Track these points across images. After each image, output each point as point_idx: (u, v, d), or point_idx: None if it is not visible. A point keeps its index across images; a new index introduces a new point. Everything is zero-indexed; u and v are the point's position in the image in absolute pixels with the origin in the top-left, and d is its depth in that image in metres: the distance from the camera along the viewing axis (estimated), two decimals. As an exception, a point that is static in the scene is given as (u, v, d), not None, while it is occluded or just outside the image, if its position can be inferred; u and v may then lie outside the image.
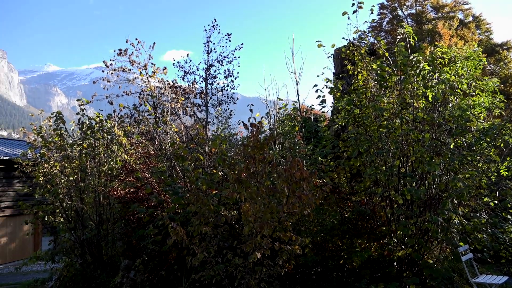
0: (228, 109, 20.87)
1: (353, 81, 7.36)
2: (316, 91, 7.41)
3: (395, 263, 6.33)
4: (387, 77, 6.75)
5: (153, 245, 6.22)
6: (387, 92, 6.99)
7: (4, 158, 16.87)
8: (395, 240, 6.36)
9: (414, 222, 6.07)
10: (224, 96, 21.38)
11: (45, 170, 8.60)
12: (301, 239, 4.68)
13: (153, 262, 6.23)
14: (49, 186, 8.47)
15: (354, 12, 7.11)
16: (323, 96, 7.53)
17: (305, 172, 4.30)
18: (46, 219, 8.66)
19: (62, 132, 8.86)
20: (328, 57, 7.66)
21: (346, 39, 7.41)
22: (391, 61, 7.17)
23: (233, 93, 21.77)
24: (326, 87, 7.47)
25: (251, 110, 5.93)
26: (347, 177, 7.10)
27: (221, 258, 4.90)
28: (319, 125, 8.89)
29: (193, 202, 4.90)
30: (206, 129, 14.79)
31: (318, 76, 7.44)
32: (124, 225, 7.68)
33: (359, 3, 7.10)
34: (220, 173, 6.33)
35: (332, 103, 7.92)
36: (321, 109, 7.69)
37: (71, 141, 9.21)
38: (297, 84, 8.05)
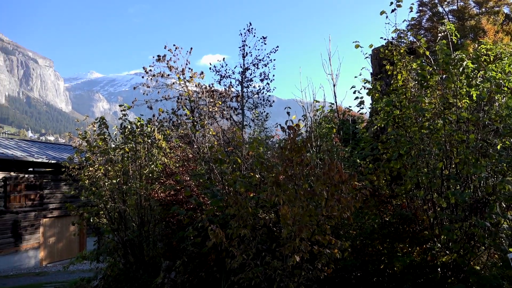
0: (264, 111, 20.97)
1: (392, 82, 7.20)
2: (354, 92, 7.29)
3: (439, 269, 6.11)
4: (428, 77, 6.54)
5: (193, 246, 6.34)
6: (428, 92, 6.78)
7: (52, 162, 17.77)
8: (439, 245, 6.14)
9: (459, 227, 5.84)
10: (260, 99, 21.53)
11: (90, 173, 8.99)
12: (341, 242, 4.63)
13: (193, 263, 6.34)
14: (94, 188, 8.84)
15: (392, 11, 6.95)
16: (361, 98, 7.40)
17: (344, 175, 4.25)
18: (91, 220, 9.04)
19: (105, 136, 9.23)
20: (366, 57, 7.53)
21: (385, 39, 7.25)
22: (432, 60, 6.95)
23: (269, 95, 21.86)
24: (364, 88, 7.34)
25: (288, 113, 5.93)
26: (387, 179, 6.93)
27: (260, 260, 4.92)
28: (357, 127, 8.75)
29: (232, 205, 4.96)
30: (243, 132, 14.92)
31: (355, 77, 7.33)
32: (164, 226, 7.88)
33: (398, 1, 6.93)
34: (257, 176, 6.37)
35: (370, 104, 7.77)
36: (359, 110, 7.57)
37: (114, 145, 9.58)
38: (334, 85, 7.98)
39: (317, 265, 4.78)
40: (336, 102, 8.18)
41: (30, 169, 17.59)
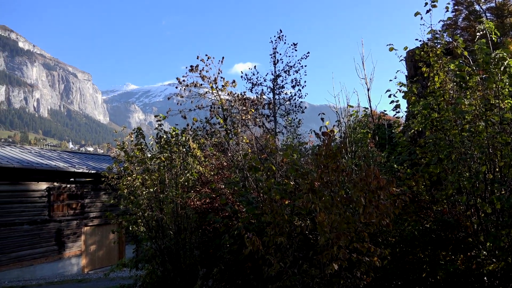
0: (296, 118, 20.90)
1: (429, 84, 6.99)
2: (389, 96, 7.14)
3: (485, 278, 5.83)
4: (468, 77, 6.32)
5: (229, 254, 6.36)
6: (468, 93, 6.53)
7: (92, 172, 18.42)
8: (485, 252, 5.87)
9: (506, 233, 5.56)
10: (292, 106, 21.48)
11: (128, 182, 9.23)
12: (380, 250, 4.51)
13: (230, 271, 6.36)
14: (132, 197, 9.06)
15: (427, 11, 6.78)
16: (397, 101, 7.24)
17: (382, 181, 4.15)
18: (130, 229, 9.27)
19: (142, 146, 9.47)
20: (401, 60, 7.36)
21: (420, 40, 7.08)
22: (470, 60, 6.71)
23: (301, 102, 21.77)
24: (400, 92, 7.18)
25: (322, 119, 5.88)
26: (427, 185, 6.72)
27: (297, 268, 4.87)
28: (393, 131, 8.55)
29: (268, 212, 4.95)
30: (276, 139, 14.90)
31: (390, 80, 7.18)
32: (201, 234, 7.96)
33: (433, 1, 6.76)
34: (292, 183, 6.33)
35: (406, 107, 7.58)
36: (395, 114, 7.40)
37: (150, 155, 9.80)
38: (368, 90, 7.84)
39: (356, 274, 4.68)
40: (370, 107, 8.04)
41: (71, 179, 18.29)
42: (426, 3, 6.76)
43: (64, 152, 23.13)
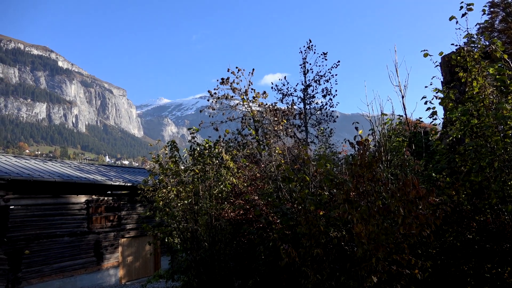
0: (328, 127, 20.67)
1: (466, 89, 6.77)
2: (425, 103, 6.95)
3: (535, 292, 5.50)
4: (508, 81, 6.07)
5: (264, 266, 6.33)
6: (510, 98, 6.27)
7: (128, 184, 18.88)
8: (534, 265, 5.55)
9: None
10: (323, 115, 21.29)
11: (163, 194, 9.40)
12: (421, 262, 4.35)
13: (265, 283, 6.32)
14: (167, 209, 9.20)
15: (463, 15, 6.60)
16: (433, 108, 7.03)
17: (422, 190, 4.02)
18: (166, 240, 9.39)
19: (176, 159, 9.63)
20: (436, 66, 7.18)
21: (455, 45, 6.89)
22: (510, 63, 6.45)
23: (332, 111, 21.54)
24: (436, 98, 6.98)
25: (356, 128, 5.79)
26: (468, 194, 6.45)
27: (335, 281, 4.78)
28: (430, 139, 8.30)
29: (303, 224, 4.90)
30: (306, 149, 14.78)
31: (426, 87, 7.00)
32: (235, 246, 7.96)
33: (468, 5, 6.57)
34: (326, 194, 6.25)
35: (443, 114, 7.36)
36: (432, 122, 7.18)
37: (184, 167, 9.95)
38: (402, 97, 7.67)
39: (396, 287, 4.54)
40: (406, 114, 7.85)
41: (108, 192, 18.81)
42: (461, 7, 6.59)
43: (101, 166, 23.89)
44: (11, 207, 14.57)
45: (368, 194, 4.66)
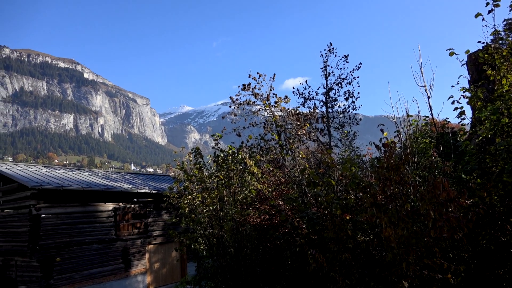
0: (351, 130, 20.42)
1: (495, 87, 6.57)
2: (452, 102, 6.79)
3: None
4: (540, 78, 5.86)
5: (291, 271, 6.28)
6: (542, 94, 6.05)
7: (154, 192, 19.15)
8: None
9: None
10: (346, 118, 21.04)
11: (188, 201, 9.48)
12: (454, 266, 4.23)
13: (293, 288, 6.28)
14: (193, 215, 9.28)
15: (489, 12, 6.42)
16: (461, 108, 6.85)
17: (452, 192, 3.92)
18: (192, 246, 9.46)
19: (200, 165, 9.71)
20: (462, 64, 7.00)
21: (482, 43, 6.70)
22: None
23: (355, 114, 21.27)
24: (464, 97, 6.80)
25: (382, 130, 5.70)
26: (500, 195, 6.23)
27: (364, 286, 4.69)
28: (458, 139, 8.08)
29: (330, 228, 4.84)
30: (330, 153, 14.66)
31: (452, 86, 6.83)
32: (261, 251, 7.94)
33: (495, 1, 6.39)
34: (353, 198, 6.17)
35: (471, 114, 7.16)
36: (460, 122, 7.00)
37: (208, 173, 10.03)
38: (428, 97, 7.51)
39: (428, 292, 4.42)
40: (432, 115, 7.67)
41: (135, 200, 19.12)
42: (488, 3, 6.41)
43: (127, 174, 24.33)
44: (42, 215, 15.00)
45: (396, 197, 4.57)
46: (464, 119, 6.91)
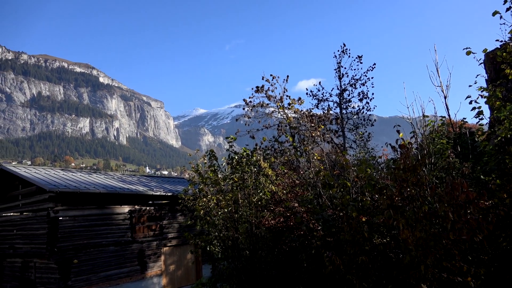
0: (366, 131, 20.24)
1: (515, 86, 6.44)
2: (470, 102, 6.67)
3: None
4: (561, 76, 5.72)
5: (307, 274, 6.25)
6: None
7: (169, 194, 19.29)
8: None
9: None
10: (360, 119, 20.86)
11: (203, 203, 9.52)
12: (474, 269, 4.15)
13: (309, 291, 6.24)
14: (208, 218, 9.31)
15: (507, 9, 6.30)
16: (479, 107, 6.73)
17: (472, 194, 3.84)
18: (207, 249, 9.48)
19: (215, 168, 9.74)
20: (480, 64, 6.88)
21: (500, 41, 6.58)
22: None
23: (369, 115, 21.08)
24: (481, 97, 6.68)
25: (398, 131, 5.64)
26: (521, 196, 6.09)
27: (381, 289, 4.64)
28: (476, 139, 7.94)
29: (346, 230, 4.80)
30: (344, 155, 14.55)
31: (470, 86, 6.72)
32: (276, 253, 7.92)
33: (513, -2, 6.27)
34: (369, 199, 6.10)
35: (490, 114, 7.03)
36: (478, 122, 6.88)
37: (222, 176, 10.04)
38: (445, 97, 7.40)
39: (447, 295, 4.34)
40: (449, 115, 7.56)
41: (150, 202, 19.28)
42: (506, 1, 6.30)
43: (142, 177, 24.56)
44: (60, 218, 15.24)
45: (413, 199, 4.51)
46: (482, 119, 6.79)
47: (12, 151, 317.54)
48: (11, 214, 18.68)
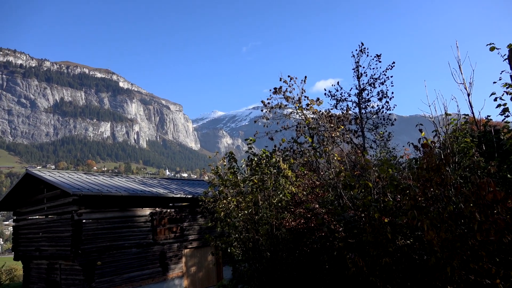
0: (386, 131, 19.95)
1: (542, 82, 6.24)
2: (495, 99, 6.49)
3: None
4: None
5: (329, 275, 6.19)
6: None
7: (189, 196, 19.44)
8: None
9: None
10: (380, 119, 20.58)
11: (223, 205, 9.55)
12: (503, 271, 4.02)
13: (331, 293, 6.18)
14: (228, 219, 9.33)
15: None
16: (504, 104, 6.54)
17: (499, 193, 3.73)
18: (228, 250, 9.50)
19: (235, 170, 9.76)
20: (505, 59, 6.68)
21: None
22: None
23: (389, 114, 20.77)
24: (507, 94, 6.49)
25: (420, 130, 5.54)
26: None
27: (406, 291, 4.56)
28: (501, 137, 7.72)
29: (369, 232, 4.73)
30: (364, 155, 14.38)
31: (494, 82, 6.54)
32: (297, 255, 7.88)
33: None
34: (391, 200, 6.01)
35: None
36: (503, 119, 6.69)
37: (241, 178, 10.05)
38: (468, 95, 7.22)
39: (475, 298, 4.23)
40: (473, 113, 7.37)
41: (170, 204, 19.47)
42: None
43: (162, 179, 24.83)
44: (83, 220, 15.54)
45: (437, 199, 4.41)
46: (508, 116, 6.60)
47: (36, 156, 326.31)
48: (37, 217, 19.17)
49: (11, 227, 26.86)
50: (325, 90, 20.71)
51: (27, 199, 19.44)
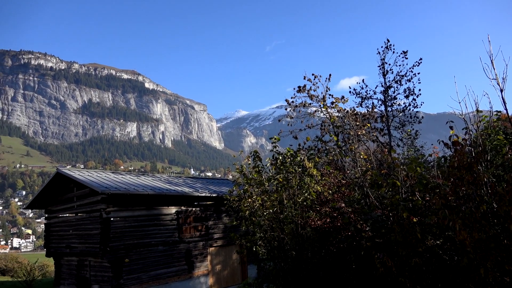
0: (413, 129, 19.49)
1: None
2: (530, 95, 6.24)
3: None
4: None
5: (356, 275, 6.11)
6: None
7: (213, 195, 19.59)
8: None
9: None
10: (407, 117, 20.12)
11: (248, 204, 9.57)
12: (541, 274, 3.86)
13: (358, 293, 6.09)
14: (253, 218, 9.34)
15: None
16: (540, 100, 6.28)
17: (536, 192, 3.59)
18: (253, 249, 9.52)
19: (259, 168, 9.76)
20: (540, 53, 6.41)
21: None
22: None
23: (416, 112, 20.29)
24: (543, 89, 6.23)
25: (451, 127, 5.38)
26: None
27: (437, 293, 4.44)
28: (537, 134, 7.40)
29: (397, 231, 4.64)
30: (391, 153, 14.08)
31: (529, 77, 6.27)
32: (323, 254, 7.81)
33: None
34: (420, 199, 5.87)
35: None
36: (539, 115, 6.41)
37: (266, 176, 10.04)
38: (501, 91, 6.96)
39: (510, 300, 4.07)
40: (506, 109, 7.10)
41: (195, 203, 19.67)
42: None
43: (188, 178, 25.12)
44: (112, 219, 15.90)
45: (469, 198, 4.28)
46: (544, 112, 6.32)
47: (66, 156, 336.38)
48: (67, 215, 19.75)
49: (43, 225, 27.81)
50: (349, 88, 20.41)
51: (57, 198, 20.06)
